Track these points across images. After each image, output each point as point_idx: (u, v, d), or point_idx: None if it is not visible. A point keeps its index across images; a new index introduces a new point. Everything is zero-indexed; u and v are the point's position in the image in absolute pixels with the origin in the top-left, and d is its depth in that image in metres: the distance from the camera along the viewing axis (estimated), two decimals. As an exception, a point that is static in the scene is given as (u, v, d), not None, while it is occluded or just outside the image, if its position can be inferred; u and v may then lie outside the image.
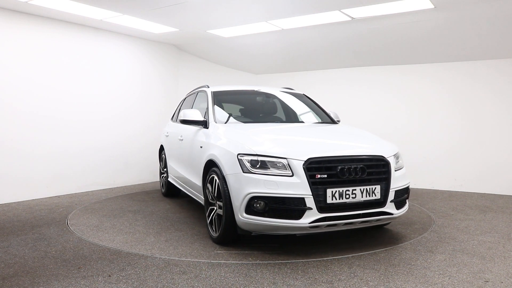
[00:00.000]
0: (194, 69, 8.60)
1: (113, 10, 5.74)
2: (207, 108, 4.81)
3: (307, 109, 5.25)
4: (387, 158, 3.71)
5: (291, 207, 3.37)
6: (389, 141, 4.21)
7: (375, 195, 3.56)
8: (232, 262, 3.42)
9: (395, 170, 3.78)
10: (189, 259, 3.48)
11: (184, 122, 4.66)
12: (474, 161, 6.89)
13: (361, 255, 3.62)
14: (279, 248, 3.78)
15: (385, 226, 4.55)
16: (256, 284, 2.98)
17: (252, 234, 3.71)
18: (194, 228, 4.54)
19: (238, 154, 3.59)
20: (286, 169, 3.43)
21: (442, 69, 7.18)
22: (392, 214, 3.68)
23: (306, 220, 3.35)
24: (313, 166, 3.42)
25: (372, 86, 7.88)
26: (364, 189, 3.51)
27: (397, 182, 3.75)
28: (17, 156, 5.88)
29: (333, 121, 5.02)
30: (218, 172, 3.82)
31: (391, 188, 3.65)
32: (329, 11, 5.47)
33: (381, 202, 3.60)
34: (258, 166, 3.48)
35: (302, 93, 5.52)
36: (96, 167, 6.91)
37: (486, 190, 6.77)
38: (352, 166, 3.49)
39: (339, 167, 3.45)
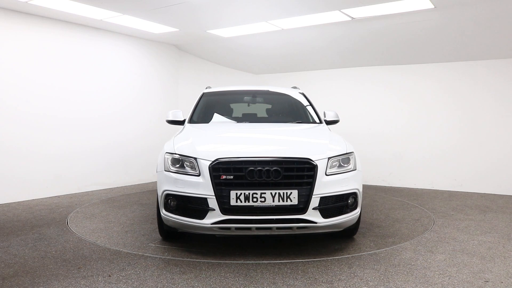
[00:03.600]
0: (194, 69, 8.60)
1: (113, 10, 5.74)
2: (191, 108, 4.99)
3: (293, 109, 5.11)
4: (315, 162, 3.39)
5: (195, 206, 3.40)
6: (345, 143, 3.84)
7: (291, 200, 3.30)
8: (232, 262, 3.42)
9: (328, 175, 3.45)
10: (189, 259, 3.48)
11: (169, 122, 4.79)
12: (474, 161, 6.89)
13: (361, 255, 3.62)
14: (208, 248, 3.81)
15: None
16: (256, 284, 2.98)
17: (179, 231, 3.77)
18: None
19: (166, 152, 3.72)
20: (195, 169, 3.45)
21: (442, 69, 7.18)
22: (315, 222, 3.34)
23: (209, 220, 3.33)
24: (220, 167, 3.35)
25: (372, 86, 7.88)
26: (276, 193, 3.28)
27: (326, 188, 3.39)
28: (17, 156, 5.88)
29: (319, 121, 4.72)
30: None
31: (314, 194, 3.34)
32: (329, 11, 5.47)
33: (300, 208, 3.32)
34: (178, 165, 3.57)
35: (300, 92, 5.32)
36: (96, 167, 6.91)
37: (486, 190, 6.77)
38: (264, 168, 3.31)
39: (248, 169, 3.31)
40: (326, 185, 3.41)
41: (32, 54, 6.05)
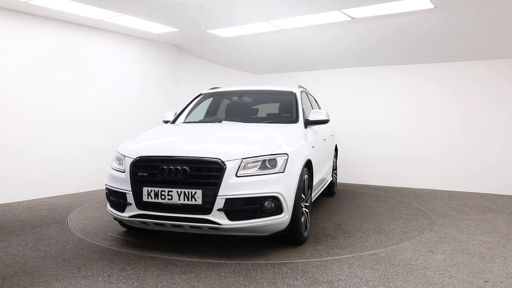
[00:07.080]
0: (194, 69, 8.60)
1: (113, 10, 5.74)
2: None
3: (276, 108, 5.09)
4: (225, 162, 3.34)
5: (118, 200, 3.70)
6: (281, 144, 3.66)
7: (195, 200, 3.33)
8: (232, 262, 3.42)
9: (240, 176, 3.35)
10: (188, 259, 3.48)
11: (165, 122, 4.98)
12: (474, 161, 6.90)
13: (361, 255, 3.62)
14: (157, 242, 3.98)
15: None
16: (256, 284, 2.98)
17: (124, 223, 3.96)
18: None
19: (116, 150, 3.98)
20: (122, 166, 3.73)
21: (442, 69, 7.18)
22: (220, 224, 3.30)
23: (127, 214, 3.60)
24: (139, 164, 3.56)
25: (372, 86, 7.88)
26: (182, 192, 3.35)
27: (234, 189, 3.31)
28: (17, 156, 5.88)
29: (297, 121, 4.52)
30: None
31: (219, 195, 3.30)
32: (329, 11, 5.47)
33: (206, 208, 3.31)
34: (118, 162, 3.85)
35: (296, 91, 5.13)
36: (96, 167, 6.90)
37: (486, 190, 6.77)
38: (174, 167, 3.40)
39: (160, 167, 3.45)
40: (234, 186, 3.32)
41: (32, 54, 6.04)
